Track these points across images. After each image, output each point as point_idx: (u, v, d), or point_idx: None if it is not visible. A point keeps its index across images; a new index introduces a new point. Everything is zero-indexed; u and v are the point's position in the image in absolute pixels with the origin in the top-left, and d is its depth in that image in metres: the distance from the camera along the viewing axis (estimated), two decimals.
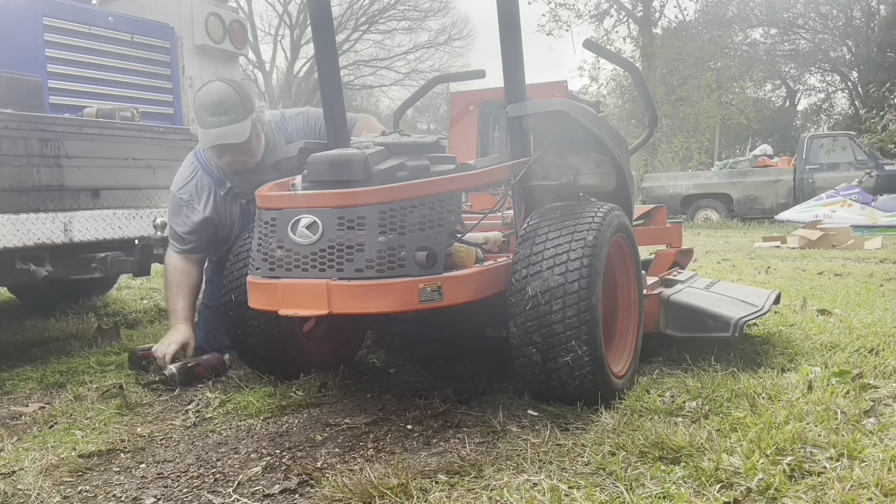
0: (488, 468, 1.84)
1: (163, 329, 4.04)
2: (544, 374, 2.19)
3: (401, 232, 2.12)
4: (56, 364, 3.27)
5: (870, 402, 2.22)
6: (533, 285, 2.16)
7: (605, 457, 1.86)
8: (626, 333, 2.56)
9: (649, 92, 3.42)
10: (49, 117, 3.43)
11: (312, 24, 2.73)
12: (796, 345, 3.02)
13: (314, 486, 1.81)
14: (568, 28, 25.40)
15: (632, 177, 2.78)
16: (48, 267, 3.23)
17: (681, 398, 2.31)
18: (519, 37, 2.51)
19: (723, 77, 22.50)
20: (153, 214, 3.56)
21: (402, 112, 4.13)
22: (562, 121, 2.49)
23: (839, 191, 12.06)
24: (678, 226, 3.85)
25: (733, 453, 1.81)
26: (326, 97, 2.73)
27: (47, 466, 1.99)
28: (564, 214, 2.30)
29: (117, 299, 5.33)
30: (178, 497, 1.81)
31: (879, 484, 1.62)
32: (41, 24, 3.85)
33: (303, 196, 2.24)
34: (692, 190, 15.53)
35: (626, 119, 23.70)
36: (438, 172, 2.30)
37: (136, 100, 4.21)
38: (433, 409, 2.35)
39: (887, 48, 24.09)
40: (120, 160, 3.58)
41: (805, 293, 4.47)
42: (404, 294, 2.09)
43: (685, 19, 25.49)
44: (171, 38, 4.48)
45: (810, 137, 15.17)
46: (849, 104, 27.70)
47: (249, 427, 2.29)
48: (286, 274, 2.19)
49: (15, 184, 3.11)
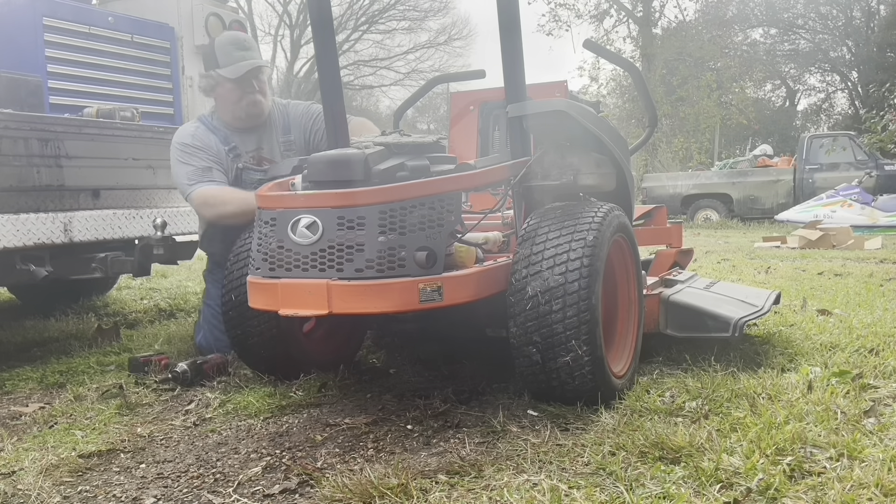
0: (488, 468, 1.84)
1: (163, 329, 4.05)
2: (544, 374, 2.19)
3: (401, 232, 2.12)
4: (56, 364, 3.27)
5: (870, 402, 2.21)
6: (533, 285, 2.16)
7: (605, 457, 1.86)
8: (626, 333, 2.56)
9: (649, 92, 3.42)
10: (49, 117, 3.43)
11: (312, 24, 2.73)
12: (796, 345, 3.02)
13: (314, 486, 1.81)
14: (568, 28, 25.47)
15: (632, 177, 2.78)
16: (48, 267, 3.23)
17: (681, 398, 2.31)
18: (519, 37, 2.51)
19: (723, 77, 22.50)
20: (153, 214, 3.56)
21: (402, 112, 4.13)
22: (562, 121, 2.49)
23: (839, 191, 12.06)
24: (678, 226, 3.85)
25: (733, 453, 1.81)
26: (326, 97, 2.73)
27: (47, 466, 1.99)
28: (564, 214, 2.30)
29: (117, 299, 5.32)
30: (178, 497, 1.81)
31: (879, 484, 1.62)
32: (41, 24, 3.85)
33: (303, 196, 2.24)
34: (692, 190, 15.54)
35: (626, 119, 23.70)
36: (438, 172, 2.30)
37: (136, 100, 4.21)
38: (433, 409, 2.35)
39: (887, 48, 24.10)
40: (120, 160, 3.58)
41: (805, 293, 4.47)
42: (404, 294, 2.09)
43: (685, 19, 25.51)
44: (171, 38, 4.48)
45: (810, 137, 15.17)
46: (849, 104, 27.73)
47: (249, 427, 2.29)
48: (286, 274, 2.19)
49: (15, 184, 3.11)
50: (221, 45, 3.18)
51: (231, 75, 3.13)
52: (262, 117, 3.27)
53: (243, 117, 3.23)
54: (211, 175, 3.12)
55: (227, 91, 3.18)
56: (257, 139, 3.30)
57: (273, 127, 3.32)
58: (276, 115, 3.33)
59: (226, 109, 3.24)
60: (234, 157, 3.21)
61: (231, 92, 3.18)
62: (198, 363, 2.84)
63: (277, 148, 3.30)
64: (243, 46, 3.18)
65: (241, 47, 3.17)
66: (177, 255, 3.61)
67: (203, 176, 3.11)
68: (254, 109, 3.21)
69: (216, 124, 3.25)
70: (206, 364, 2.85)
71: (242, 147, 3.25)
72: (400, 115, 4.08)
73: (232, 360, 2.96)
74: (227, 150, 3.21)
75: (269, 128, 3.32)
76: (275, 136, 3.32)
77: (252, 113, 3.22)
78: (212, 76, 3.19)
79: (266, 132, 3.31)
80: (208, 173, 3.12)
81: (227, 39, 3.23)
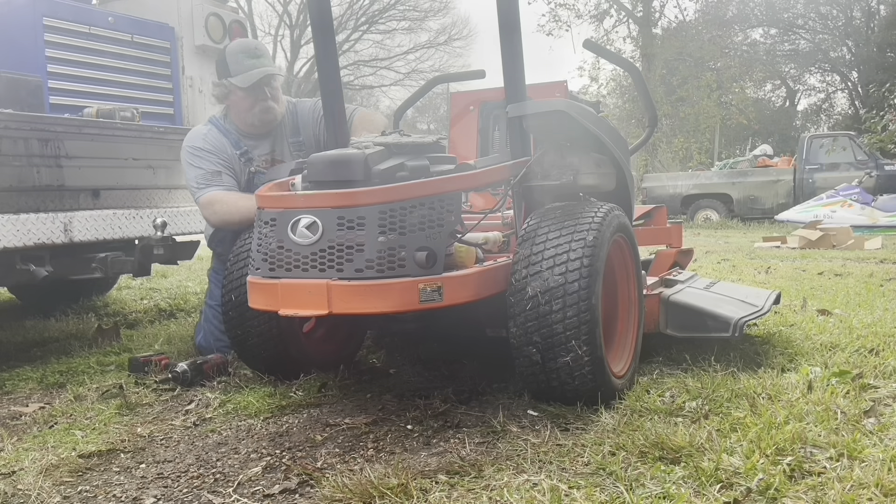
0: (488, 468, 1.84)
1: (163, 329, 4.05)
2: (544, 374, 2.19)
3: (401, 232, 2.12)
4: (56, 364, 3.27)
5: (870, 402, 2.21)
6: (533, 285, 2.16)
7: (605, 457, 1.86)
8: (626, 333, 2.56)
9: (649, 92, 3.42)
10: (49, 117, 3.43)
11: (312, 24, 2.73)
12: (796, 345, 3.02)
13: (314, 486, 1.81)
14: (568, 28, 25.45)
15: (632, 177, 2.78)
16: (48, 267, 3.23)
17: (681, 398, 2.31)
18: (519, 37, 2.51)
19: (723, 77, 22.50)
20: (153, 214, 3.56)
21: (402, 112, 4.14)
22: (562, 121, 2.49)
23: (839, 191, 12.05)
24: (678, 226, 3.84)
25: (733, 453, 1.81)
26: (326, 97, 2.73)
27: (47, 466, 1.99)
28: (564, 214, 2.30)
29: (117, 299, 5.32)
30: (178, 497, 1.81)
31: (879, 484, 1.62)
32: (41, 24, 3.85)
33: (303, 196, 2.24)
34: (692, 190, 15.54)
35: (626, 119, 23.70)
36: (438, 172, 2.30)
37: (136, 100, 4.21)
38: (433, 409, 2.35)
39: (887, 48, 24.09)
40: (120, 160, 3.58)
41: (805, 293, 4.47)
42: (404, 294, 2.09)
43: (685, 19, 25.53)
44: (171, 38, 4.48)
45: (810, 137, 15.17)
46: (849, 104, 27.71)
47: (249, 427, 2.29)
48: (286, 274, 2.19)
49: (15, 184, 3.11)
50: (232, 53, 3.18)
51: (242, 84, 3.13)
52: (275, 123, 3.27)
53: (256, 124, 3.23)
54: (220, 179, 3.12)
55: (240, 99, 3.18)
56: (271, 143, 3.30)
57: (283, 129, 3.32)
58: (286, 118, 3.33)
59: (239, 117, 3.24)
60: (246, 161, 3.21)
61: (243, 100, 3.18)
62: (198, 363, 2.84)
63: (288, 150, 3.29)
64: (254, 54, 3.17)
65: (252, 55, 3.17)
66: (177, 255, 3.62)
67: (212, 180, 3.12)
68: (266, 116, 3.21)
69: (228, 127, 3.25)
70: (206, 364, 2.85)
71: (256, 151, 3.25)
72: (400, 115, 4.08)
73: (232, 360, 2.96)
74: (238, 154, 3.20)
75: (281, 130, 3.32)
76: (285, 138, 3.32)
77: (265, 120, 3.22)
78: (224, 85, 3.19)
79: (279, 135, 3.31)
80: (217, 177, 3.12)
81: (239, 47, 3.22)
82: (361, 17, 28.73)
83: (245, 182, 3.19)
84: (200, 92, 4.72)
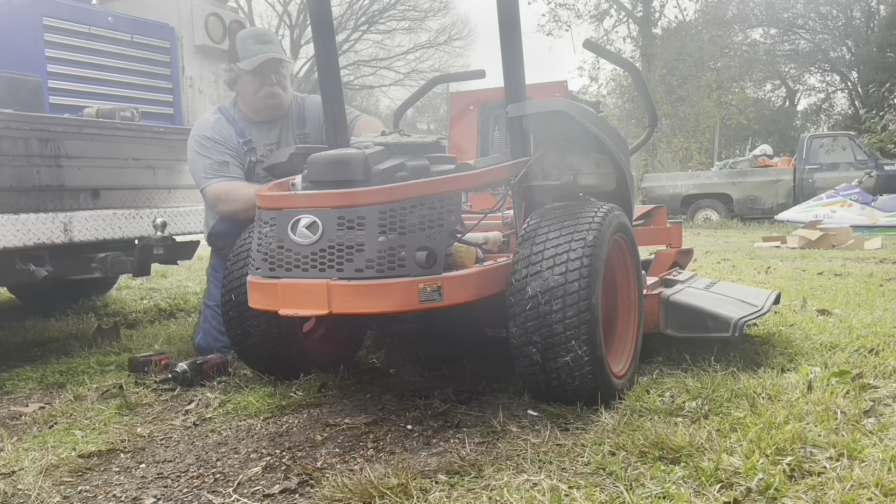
0: (488, 468, 1.84)
1: (163, 329, 4.05)
2: (544, 374, 2.19)
3: (401, 232, 2.12)
4: (56, 364, 3.27)
5: (870, 402, 2.22)
6: (533, 285, 2.16)
7: (605, 457, 1.86)
8: (626, 333, 2.56)
9: (649, 92, 3.42)
10: (49, 117, 3.43)
11: (312, 24, 2.73)
12: (796, 345, 3.02)
13: (314, 486, 1.81)
14: (568, 28, 25.45)
15: (632, 177, 2.78)
16: (48, 267, 3.23)
17: (681, 398, 2.31)
18: (519, 37, 2.51)
19: (723, 77, 22.49)
20: (153, 214, 3.56)
21: (402, 112, 4.14)
22: (562, 121, 2.49)
23: (839, 191, 12.05)
24: (678, 226, 3.85)
25: (733, 453, 1.81)
26: (326, 97, 2.73)
27: (47, 466, 1.99)
28: (564, 214, 2.30)
29: (117, 299, 5.32)
30: (178, 497, 1.81)
31: (879, 484, 1.62)
32: (41, 24, 3.85)
33: (303, 196, 2.24)
34: (692, 190, 15.53)
35: (626, 119, 23.70)
36: (438, 172, 2.30)
37: (136, 100, 4.21)
38: (433, 409, 2.35)
39: (887, 48, 24.09)
40: (120, 160, 3.58)
41: (805, 293, 4.47)
42: (404, 294, 2.09)
43: (685, 19, 25.51)
44: (171, 38, 4.48)
45: (810, 137, 15.16)
46: (849, 104, 27.70)
47: (249, 427, 2.29)
48: (286, 274, 2.19)
49: (15, 184, 3.11)
50: (242, 39, 3.29)
51: (248, 67, 3.20)
52: (281, 109, 3.33)
53: (261, 109, 3.29)
54: (228, 170, 3.18)
55: (246, 83, 3.26)
56: (278, 132, 3.36)
57: (289, 120, 3.39)
58: (293, 109, 3.40)
59: (245, 102, 3.31)
60: (249, 150, 3.27)
61: (249, 84, 3.25)
62: (198, 363, 2.84)
63: (293, 141, 3.35)
64: (262, 40, 3.26)
65: (260, 41, 3.25)
66: (177, 255, 3.62)
67: (220, 170, 3.18)
68: (271, 101, 3.27)
69: (235, 116, 3.32)
70: (206, 364, 2.85)
71: (261, 140, 3.31)
72: (400, 115, 4.08)
73: (232, 360, 2.97)
74: (242, 143, 3.26)
75: (287, 121, 3.39)
76: (291, 129, 3.38)
77: (270, 105, 3.28)
78: (232, 69, 3.28)
79: (285, 125, 3.38)
80: (225, 168, 3.18)
81: (248, 34, 3.33)
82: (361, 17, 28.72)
83: (246, 171, 3.25)
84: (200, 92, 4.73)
